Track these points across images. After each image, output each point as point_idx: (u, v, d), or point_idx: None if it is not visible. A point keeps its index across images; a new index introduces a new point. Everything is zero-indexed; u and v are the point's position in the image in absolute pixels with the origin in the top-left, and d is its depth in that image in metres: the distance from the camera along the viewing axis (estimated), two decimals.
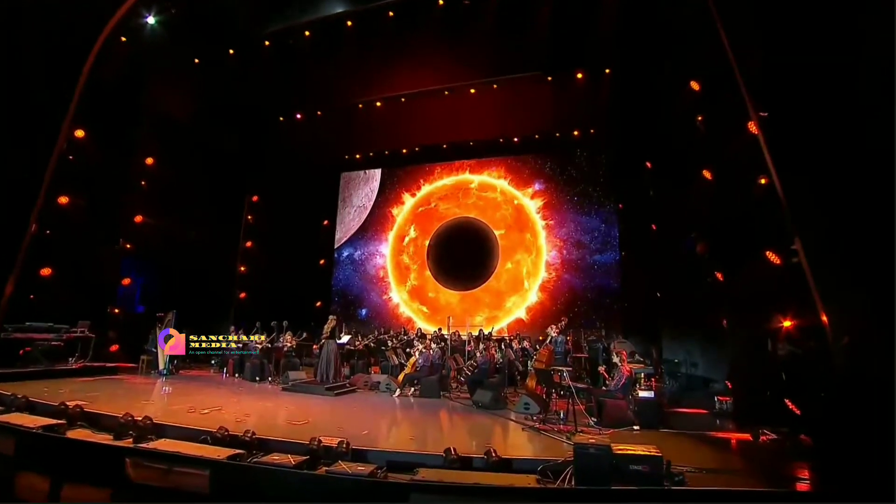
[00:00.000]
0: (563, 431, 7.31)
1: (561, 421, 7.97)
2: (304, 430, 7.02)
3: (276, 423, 7.47)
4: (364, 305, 18.75)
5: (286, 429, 7.12)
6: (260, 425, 7.19)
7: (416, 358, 10.63)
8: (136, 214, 13.55)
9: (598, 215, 16.85)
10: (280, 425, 7.33)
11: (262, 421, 7.56)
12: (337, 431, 6.92)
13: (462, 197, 18.35)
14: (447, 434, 7.44)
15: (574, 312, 16.23)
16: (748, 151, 7.75)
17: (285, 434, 6.67)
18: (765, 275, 7.68)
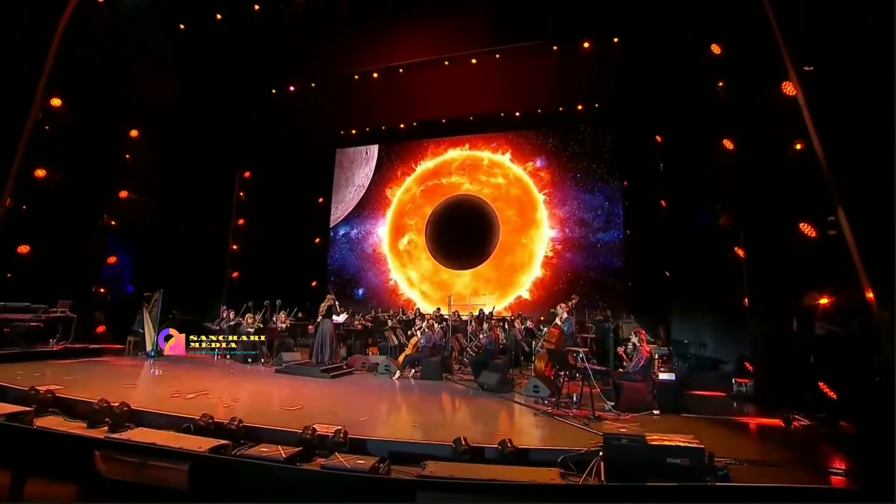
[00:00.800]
0: (578, 417, 6.66)
1: (574, 405, 7.32)
2: (297, 416, 6.34)
3: (267, 408, 6.78)
4: (361, 285, 18.03)
5: (278, 415, 6.42)
6: (249, 411, 6.51)
7: (417, 338, 9.95)
8: (121, 190, 12.67)
9: (602, 193, 16.14)
10: (271, 411, 6.63)
11: (251, 406, 6.87)
12: (333, 418, 6.25)
13: (462, 174, 17.56)
14: (453, 420, 6.79)
15: (576, 292, 15.50)
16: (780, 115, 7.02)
17: (276, 421, 5.97)
18: (796, 249, 6.99)
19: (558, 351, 7.28)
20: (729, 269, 9.04)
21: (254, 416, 6.13)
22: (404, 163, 18.22)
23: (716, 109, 9.20)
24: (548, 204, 16.54)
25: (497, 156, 17.30)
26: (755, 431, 6.36)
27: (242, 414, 6.10)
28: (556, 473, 4.56)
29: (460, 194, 17.39)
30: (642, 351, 7.11)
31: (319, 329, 9.88)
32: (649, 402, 7.00)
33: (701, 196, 9.91)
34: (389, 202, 18.14)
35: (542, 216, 16.52)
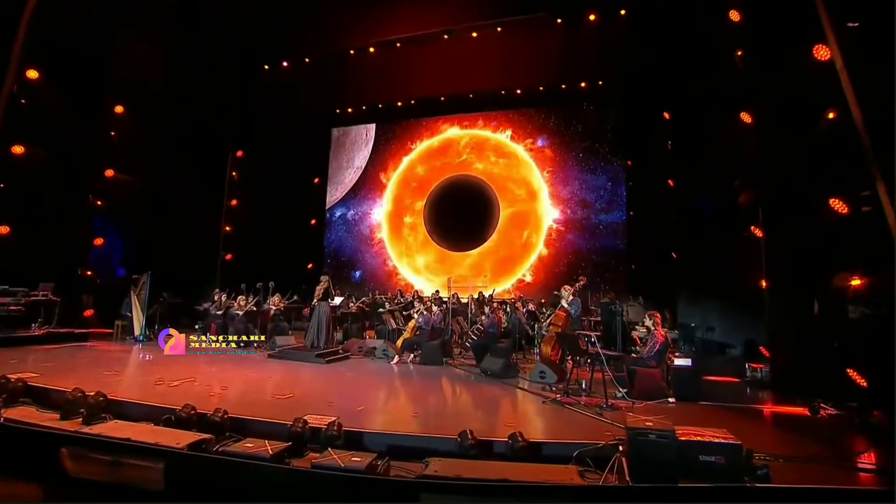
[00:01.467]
0: (590, 405, 6.17)
1: (583, 392, 6.84)
2: (288, 405, 5.82)
3: (256, 396, 6.25)
4: (358, 267, 17.45)
5: (267, 405, 5.90)
6: (237, 400, 6.00)
7: (415, 321, 9.42)
8: (107, 169, 12.00)
9: (605, 173, 15.53)
10: (261, 400, 6.11)
11: (240, 394, 6.35)
12: (327, 408, 5.76)
13: (461, 153, 16.90)
14: (456, 410, 6.27)
15: (578, 274, 15.05)
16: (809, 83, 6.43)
17: (265, 412, 5.47)
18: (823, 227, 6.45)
19: (569, 335, 6.75)
20: (744, 249, 8.51)
21: (241, 406, 5.63)
22: (402, 142, 17.53)
23: (732, 81, 8.59)
24: (549, 184, 15.93)
25: (497, 135, 16.63)
26: (781, 421, 5.87)
27: (230, 403, 5.60)
28: (573, 472, 4.07)
29: (459, 175, 16.75)
30: (657, 335, 6.59)
31: (315, 312, 9.34)
32: (664, 389, 6.51)
33: (715, 174, 9.32)
34: (386, 183, 17.49)
35: (544, 197, 15.92)
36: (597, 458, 4.42)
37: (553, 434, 5.12)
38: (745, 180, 8.17)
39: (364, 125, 17.95)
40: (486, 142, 16.71)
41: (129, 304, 10.64)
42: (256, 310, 10.51)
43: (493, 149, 16.60)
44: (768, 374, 7.76)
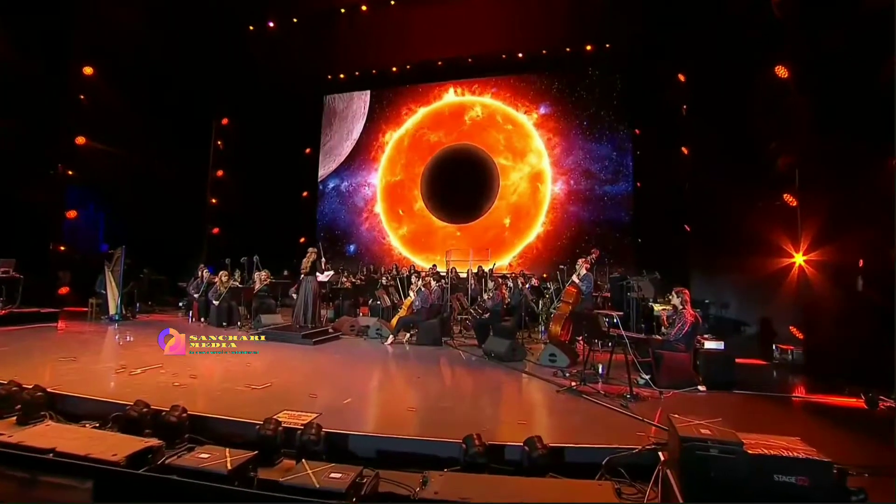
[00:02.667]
0: (610, 394, 5.27)
1: (600, 378, 5.94)
2: (264, 398, 4.90)
3: (228, 387, 5.32)
4: (352, 241, 16.46)
5: (240, 397, 4.98)
6: (205, 392, 5.08)
7: (411, 298, 8.48)
8: (77, 136, 10.84)
9: (611, 142, 14.48)
10: (232, 391, 5.18)
11: (210, 385, 5.42)
12: (308, 401, 4.83)
13: (459, 121, 15.76)
14: (458, 401, 5.35)
15: (581, 247, 14.16)
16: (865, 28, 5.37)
17: (236, 407, 4.55)
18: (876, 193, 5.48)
19: (588, 316, 5.79)
20: (771, 219, 7.54)
21: (209, 401, 4.72)
22: (397, 110, 16.36)
23: (764, 33, 7.47)
24: (551, 154, 14.88)
25: (497, 102, 15.48)
26: (836, 417, 4.97)
27: (198, 395, 4.73)
28: (609, 490, 3.17)
29: (457, 144, 15.65)
30: (686, 315, 5.67)
31: (301, 289, 8.38)
32: (693, 375, 5.62)
33: (740, 138, 8.28)
34: (381, 153, 16.38)
35: (545, 167, 14.88)
36: (631, 466, 3.55)
37: (575, 434, 4.21)
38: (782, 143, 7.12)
39: (358, 92, 16.73)
40: (485, 109, 15.56)
41: (102, 280, 9.63)
42: (240, 286, 9.52)
43: (493, 117, 15.48)
44: (801, 356, 6.88)
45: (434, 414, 4.72)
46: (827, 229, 6.45)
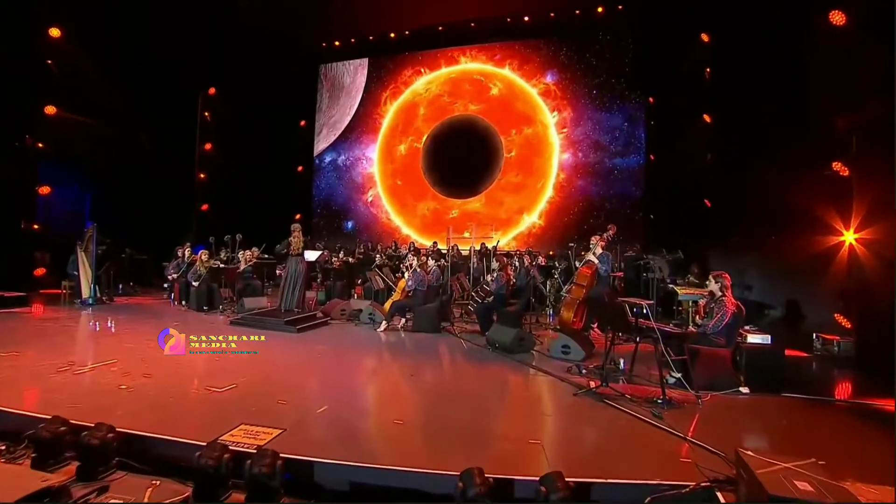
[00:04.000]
0: (636, 398, 4.30)
1: (621, 375, 4.98)
2: (221, 407, 3.96)
3: (183, 389, 4.38)
4: (350, 217, 15.41)
5: (192, 405, 4.04)
6: (153, 397, 4.12)
7: (406, 280, 7.48)
8: (46, 105, 9.75)
9: (622, 112, 13.25)
10: (186, 397, 4.24)
11: (163, 387, 4.45)
12: (274, 410, 3.88)
13: (462, 91, 14.52)
14: (455, 410, 4.35)
15: (589, 224, 13.11)
16: None
17: (182, 420, 3.61)
18: None
19: (611, 305, 4.74)
20: (818, 191, 6.44)
21: (153, 409, 3.79)
22: (395, 79, 15.11)
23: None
24: (558, 125, 13.68)
25: (502, 70, 14.21)
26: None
27: (143, 401, 3.84)
28: None
29: (460, 115, 14.45)
30: (727, 304, 4.64)
31: (286, 270, 7.40)
32: (733, 374, 4.63)
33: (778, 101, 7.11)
34: (380, 125, 15.19)
35: (553, 139, 13.71)
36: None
37: (602, 461, 3.24)
38: (836, 105, 5.95)
39: (354, 61, 15.47)
40: (488, 78, 14.31)
41: (75, 261, 8.68)
42: (222, 267, 8.55)
43: (497, 86, 14.23)
44: (850, 348, 5.87)
45: (426, 429, 3.76)
46: (885, 203, 5.36)
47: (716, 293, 4.77)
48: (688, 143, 10.57)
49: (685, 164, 10.82)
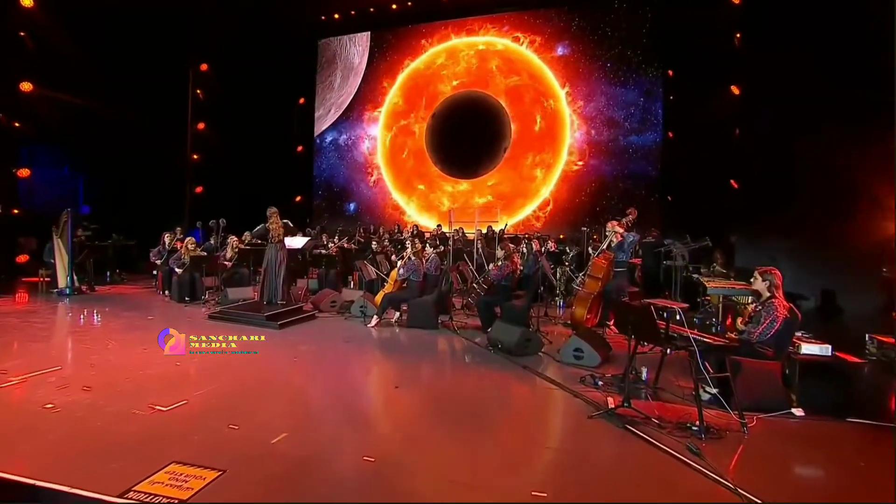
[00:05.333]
0: (665, 421, 3.43)
1: (644, 386, 4.11)
2: (158, 433, 3.16)
3: (121, 408, 3.58)
4: (352, 199, 14.51)
5: (122, 432, 3.23)
6: (80, 420, 3.34)
7: (398, 270, 6.61)
8: (21, 80, 8.92)
9: (638, 86, 12.09)
10: (121, 418, 3.43)
11: (98, 404, 3.66)
12: (220, 439, 3.07)
13: (467, 65, 13.42)
14: (440, 437, 3.51)
15: (601, 206, 12.12)
16: None
17: (100, 456, 2.81)
18: None
19: (638, 311, 3.73)
20: (875, 168, 5.40)
21: (72, 439, 3.03)
22: (398, 54, 14.01)
23: None
24: (570, 100, 12.56)
25: (509, 42, 13.06)
26: None
27: (63, 427, 3.11)
28: None
29: (466, 91, 13.36)
30: (776, 306, 3.70)
31: (265, 260, 6.56)
32: (784, 392, 3.72)
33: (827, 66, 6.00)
34: (382, 102, 14.16)
35: (563, 116, 12.61)
36: None
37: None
38: None
39: (355, 34, 14.39)
40: (496, 51, 13.17)
41: (51, 249, 7.95)
42: (204, 255, 7.74)
43: (504, 59, 13.11)
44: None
45: (398, 473, 2.91)
46: None
47: (762, 293, 3.83)
48: (712, 117, 9.45)
49: (708, 141, 9.73)
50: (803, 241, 6.99)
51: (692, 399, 3.84)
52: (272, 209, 6.70)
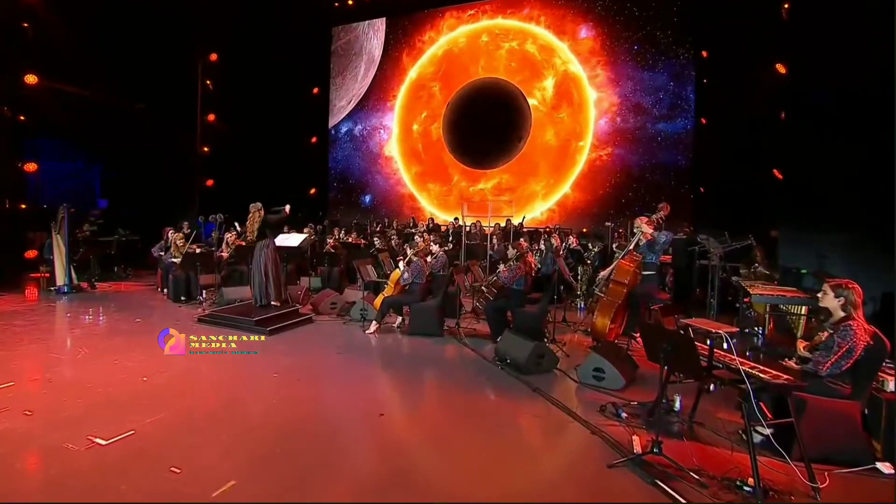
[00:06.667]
0: (708, 475, 2.63)
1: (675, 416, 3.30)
2: (86, 475, 2.55)
3: (54, 440, 2.98)
4: (368, 190, 13.88)
5: (45, 473, 2.63)
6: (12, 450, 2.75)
7: (399, 271, 5.88)
8: (26, 73, 8.51)
9: (667, 69, 11.00)
10: (50, 454, 2.83)
11: (35, 431, 3.09)
12: (155, 489, 2.43)
13: (486, 50, 12.53)
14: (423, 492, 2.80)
15: (627, 198, 11.15)
16: None
17: None
18: None
19: (674, 335, 2.88)
20: None
21: None
22: (414, 40, 13.22)
23: None
24: (593, 86, 11.56)
25: (530, 25, 12.10)
26: None
27: None
28: None
29: (484, 77, 12.50)
30: (854, 330, 2.81)
31: (254, 258, 5.94)
32: (865, 441, 2.85)
33: None
34: (398, 91, 13.42)
35: (586, 101, 11.62)
36: None
37: None
38: None
39: (369, 21, 13.64)
40: (515, 35, 12.24)
41: (50, 245, 7.54)
42: (197, 252, 7.17)
43: (525, 43, 12.16)
44: None
45: None
46: None
47: (834, 313, 2.95)
48: (752, 100, 8.39)
49: (747, 127, 8.68)
50: (861, 233, 5.98)
51: (740, 440, 3.04)
52: (254, 204, 6.06)
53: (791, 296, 4.64)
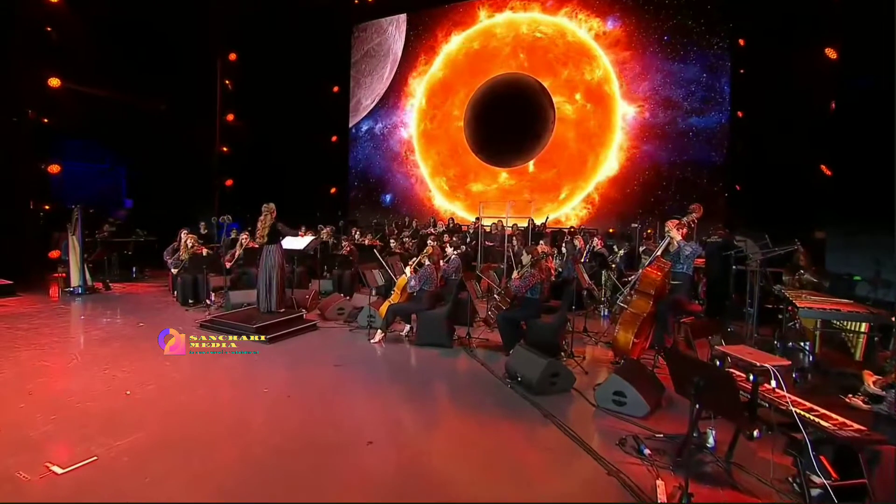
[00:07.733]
0: None
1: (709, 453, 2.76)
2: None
3: (7, 469, 2.68)
4: (388, 189, 13.53)
5: None
6: None
7: (406, 277, 5.45)
8: (49, 77, 8.48)
9: (700, 60, 10.21)
10: (2, 481, 2.54)
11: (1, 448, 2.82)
12: None
13: (508, 44, 11.98)
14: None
15: (656, 196, 10.44)
16: None
17: None
18: None
19: (707, 367, 2.36)
20: None
21: None
22: (434, 36, 12.78)
23: None
24: (620, 79, 10.87)
25: (554, 17, 11.49)
26: None
27: None
28: None
29: (506, 73, 11.95)
30: None
31: (260, 261, 5.62)
32: None
33: None
34: (419, 88, 13.00)
35: (613, 95, 10.94)
36: None
37: None
38: None
39: (390, 18, 13.27)
40: (539, 28, 11.64)
41: (66, 246, 7.46)
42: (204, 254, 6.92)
43: (548, 37, 11.54)
44: None
45: None
46: None
47: None
48: (796, 90, 7.62)
49: (790, 120, 7.90)
50: None
51: (789, 489, 2.48)
52: (267, 205, 5.75)
53: (847, 310, 3.95)
